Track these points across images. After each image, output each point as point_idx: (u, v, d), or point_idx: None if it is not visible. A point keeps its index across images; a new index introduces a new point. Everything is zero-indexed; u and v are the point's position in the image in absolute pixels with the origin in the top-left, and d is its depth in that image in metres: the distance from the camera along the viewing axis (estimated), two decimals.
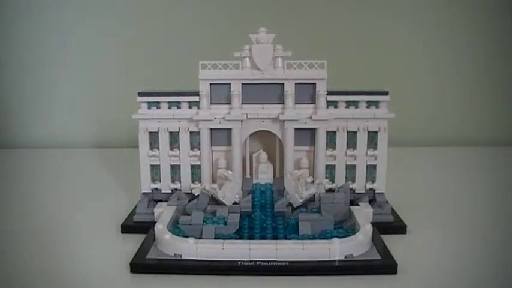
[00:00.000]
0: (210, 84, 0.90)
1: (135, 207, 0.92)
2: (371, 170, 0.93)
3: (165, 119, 0.91)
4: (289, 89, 0.89)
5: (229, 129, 0.90)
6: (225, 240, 0.73)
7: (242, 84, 0.90)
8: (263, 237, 0.78)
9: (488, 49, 1.55)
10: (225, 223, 0.80)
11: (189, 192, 0.91)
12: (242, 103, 0.90)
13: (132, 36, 1.55)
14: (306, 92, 0.90)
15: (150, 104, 0.92)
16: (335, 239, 0.73)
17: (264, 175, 0.92)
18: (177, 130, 0.92)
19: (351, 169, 0.93)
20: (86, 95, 1.61)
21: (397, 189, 0.98)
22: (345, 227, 0.81)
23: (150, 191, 0.94)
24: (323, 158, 0.91)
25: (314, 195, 0.88)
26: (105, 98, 1.59)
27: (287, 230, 0.80)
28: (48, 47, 1.57)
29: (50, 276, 0.71)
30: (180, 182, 0.94)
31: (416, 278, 0.70)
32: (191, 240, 0.73)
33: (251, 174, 0.96)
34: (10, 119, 1.63)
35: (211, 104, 0.91)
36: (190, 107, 0.92)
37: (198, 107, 0.91)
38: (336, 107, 0.91)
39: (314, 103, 0.90)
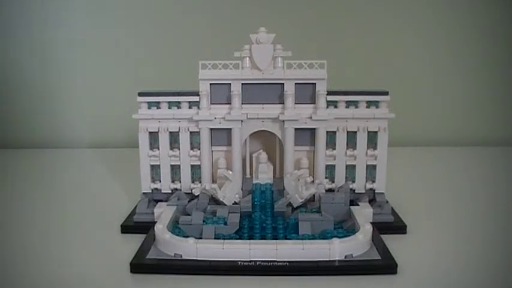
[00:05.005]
0: (210, 84, 0.90)
1: (135, 207, 0.92)
2: (371, 170, 0.93)
3: (165, 119, 0.91)
4: (289, 89, 0.89)
5: (229, 129, 0.90)
6: (225, 240, 0.74)
7: (242, 84, 0.90)
8: (263, 237, 0.78)
9: (488, 49, 1.55)
10: (225, 223, 0.80)
11: (189, 192, 0.91)
12: (242, 103, 0.90)
13: (132, 36, 1.55)
14: (306, 92, 0.90)
15: (150, 104, 0.92)
16: (335, 239, 0.73)
17: (264, 175, 0.92)
18: (177, 130, 0.92)
19: (351, 169, 0.93)
20: (86, 95, 1.61)
21: (397, 189, 0.98)
22: (345, 227, 0.81)
23: (150, 191, 0.94)
24: (323, 158, 0.91)
25: (314, 195, 0.88)
26: (105, 98, 1.59)
27: (287, 230, 0.80)
28: (48, 47, 1.57)
29: (50, 276, 0.71)
30: (180, 182, 0.94)
31: (416, 278, 0.70)
32: (191, 240, 0.73)
33: (251, 174, 0.96)
34: (10, 119, 1.63)
35: (211, 104, 0.91)
36: (190, 107, 0.92)
37: (198, 107, 0.91)
38: (336, 107, 0.91)
39: (314, 103, 0.90)
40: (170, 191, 0.94)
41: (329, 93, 0.89)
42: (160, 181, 0.94)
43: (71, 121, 1.63)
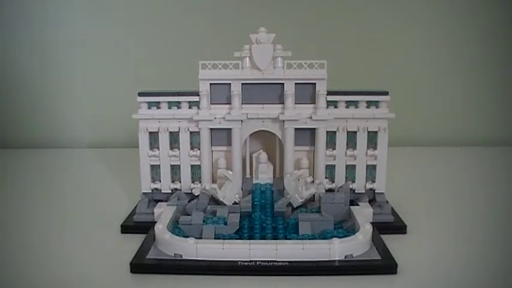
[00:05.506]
0: (210, 84, 0.90)
1: (135, 207, 0.92)
2: (371, 170, 0.93)
3: (165, 119, 0.91)
4: (289, 89, 0.89)
5: (229, 129, 0.90)
6: (225, 240, 0.74)
7: (242, 84, 0.90)
8: (263, 237, 0.78)
9: (488, 49, 1.55)
10: (225, 223, 0.80)
11: (189, 192, 0.91)
12: (242, 103, 0.90)
13: (132, 36, 1.55)
14: (306, 92, 0.90)
15: (150, 104, 0.92)
16: (335, 239, 0.73)
17: (264, 175, 0.92)
18: (177, 130, 0.92)
19: (351, 169, 0.93)
20: (86, 95, 1.61)
21: (397, 189, 0.98)
22: (345, 227, 0.81)
23: (150, 191, 0.94)
24: (323, 158, 0.91)
25: (314, 195, 0.88)
26: (105, 98, 1.59)
27: (287, 230, 0.80)
28: (48, 47, 1.57)
29: (50, 276, 0.71)
30: (180, 182, 0.94)
31: (416, 278, 0.70)
32: (191, 240, 0.73)
33: (251, 174, 0.96)
34: (10, 119, 1.63)
35: (211, 104, 0.91)
36: (190, 107, 0.92)
37: (198, 107, 0.91)
38: (336, 107, 0.91)
39: (314, 103, 0.90)
40: (170, 191, 0.94)
41: (329, 93, 0.89)
42: (160, 181, 0.94)
43: (71, 121, 1.63)
